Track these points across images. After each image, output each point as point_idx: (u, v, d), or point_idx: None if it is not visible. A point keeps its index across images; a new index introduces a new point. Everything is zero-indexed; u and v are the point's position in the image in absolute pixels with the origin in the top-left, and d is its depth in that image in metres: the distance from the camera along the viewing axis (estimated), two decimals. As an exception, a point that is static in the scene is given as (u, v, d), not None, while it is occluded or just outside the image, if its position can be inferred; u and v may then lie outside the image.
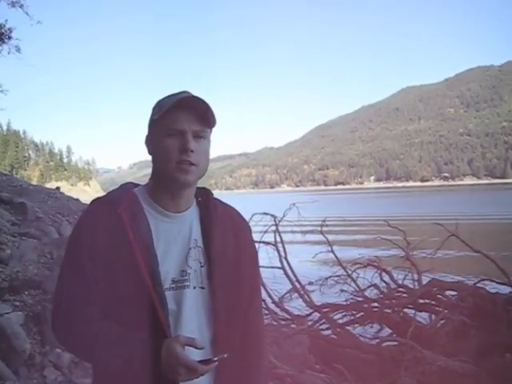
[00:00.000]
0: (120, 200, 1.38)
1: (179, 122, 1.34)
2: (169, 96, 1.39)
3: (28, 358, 4.28)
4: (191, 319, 1.37)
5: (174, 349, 1.24)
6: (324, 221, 7.10)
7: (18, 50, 14.01)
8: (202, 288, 1.40)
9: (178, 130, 1.34)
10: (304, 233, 7.23)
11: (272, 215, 6.85)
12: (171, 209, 1.41)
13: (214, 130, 1.44)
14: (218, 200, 1.53)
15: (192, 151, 1.34)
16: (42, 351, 4.50)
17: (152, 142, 1.41)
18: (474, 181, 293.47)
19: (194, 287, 1.39)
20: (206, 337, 1.38)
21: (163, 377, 1.25)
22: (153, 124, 1.40)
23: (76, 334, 1.34)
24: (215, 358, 1.28)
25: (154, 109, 1.41)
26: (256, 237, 6.46)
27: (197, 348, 1.27)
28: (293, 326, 5.78)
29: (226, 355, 1.30)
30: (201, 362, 1.25)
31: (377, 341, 5.28)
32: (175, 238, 1.40)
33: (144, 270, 1.30)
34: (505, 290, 5.22)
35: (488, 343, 4.35)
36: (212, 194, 1.52)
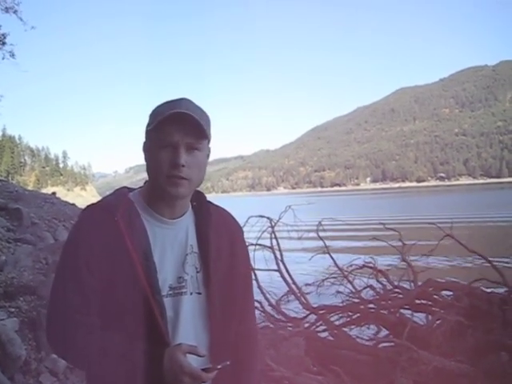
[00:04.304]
0: (116, 206, 1.35)
1: (172, 135, 1.31)
2: (166, 103, 1.36)
3: (23, 364, 4.24)
4: (188, 325, 1.36)
5: (177, 357, 1.24)
6: (320, 223, 7.08)
7: (13, 55, 13.98)
8: (199, 294, 1.40)
9: (170, 142, 1.31)
10: (301, 234, 7.19)
11: (268, 218, 6.83)
12: (167, 215, 1.40)
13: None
14: (211, 203, 1.52)
15: (183, 165, 1.30)
16: (38, 357, 4.46)
17: (146, 151, 1.39)
18: (470, 180, 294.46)
19: (191, 293, 1.38)
20: (202, 342, 1.37)
21: None
22: (147, 133, 1.37)
23: (75, 345, 1.31)
24: (219, 366, 1.28)
25: (150, 116, 1.37)
26: (252, 240, 6.47)
27: (199, 356, 1.27)
28: (289, 328, 5.76)
29: (228, 362, 1.30)
30: (203, 369, 1.26)
31: (373, 342, 5.28)
32: (172, 245, 1.39)
33: (143, 279, 1.28)
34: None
35: (484, 343, 4.35)
36: (205, 198, 1.50)
